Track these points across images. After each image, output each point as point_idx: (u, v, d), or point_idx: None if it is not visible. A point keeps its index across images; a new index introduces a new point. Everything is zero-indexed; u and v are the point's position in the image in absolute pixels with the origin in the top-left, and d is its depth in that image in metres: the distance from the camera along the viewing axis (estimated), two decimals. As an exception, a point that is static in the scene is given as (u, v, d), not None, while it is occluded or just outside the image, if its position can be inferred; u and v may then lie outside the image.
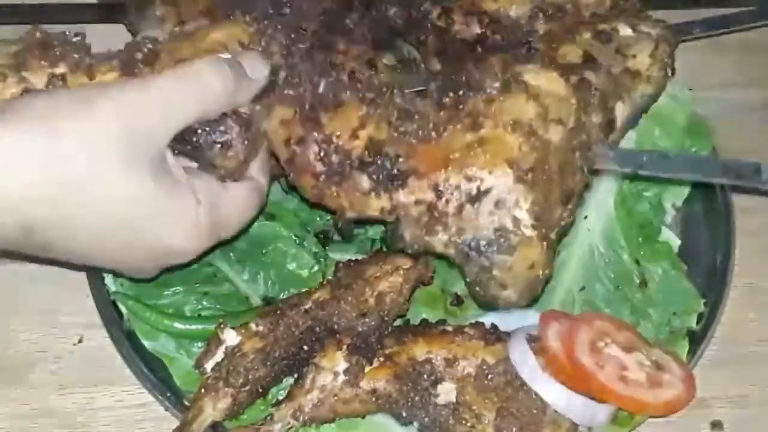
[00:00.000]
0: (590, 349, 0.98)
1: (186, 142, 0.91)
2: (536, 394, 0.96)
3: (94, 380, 1.12)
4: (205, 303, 1.09)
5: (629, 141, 1.19)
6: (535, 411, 0.96)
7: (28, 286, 1.19)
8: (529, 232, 0.92)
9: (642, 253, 1.15)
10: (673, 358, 1.02)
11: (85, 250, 0.89)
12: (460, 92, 0.96)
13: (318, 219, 1.16)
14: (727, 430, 1.04)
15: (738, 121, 1.40)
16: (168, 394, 1.03)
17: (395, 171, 0.93)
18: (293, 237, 1.12)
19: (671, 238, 1.18)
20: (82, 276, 1.13)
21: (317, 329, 0.99)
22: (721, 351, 1.17)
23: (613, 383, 0.96)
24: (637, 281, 1.13)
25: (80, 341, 1.15)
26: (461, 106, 0.95)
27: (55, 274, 1.19)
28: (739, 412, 1.13)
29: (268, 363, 0.98)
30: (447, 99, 0.96)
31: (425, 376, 0.96)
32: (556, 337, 0.99)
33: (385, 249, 1.11)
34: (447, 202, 0.93)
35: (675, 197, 1.21)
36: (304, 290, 1.06)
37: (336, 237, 1.15)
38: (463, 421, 0.96)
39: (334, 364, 0.97)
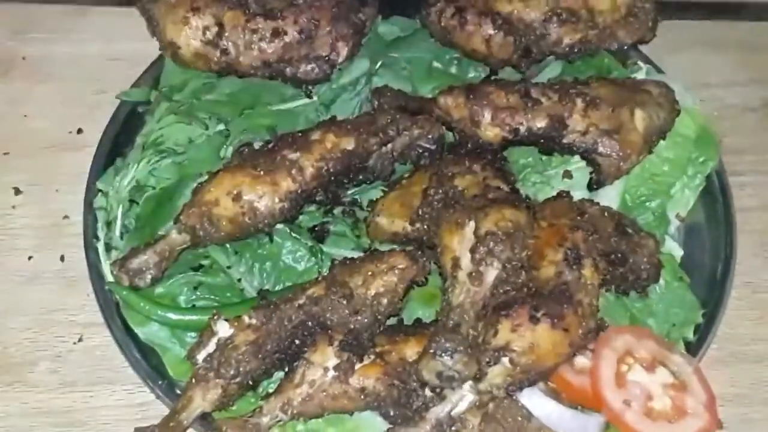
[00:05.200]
0: (616, 382, 0.98)
1: None
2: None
3: (94, 379, 1.13)
4: (199, 293, 1.10)
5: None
6: (519, 418, 0.96)
7: (28, 286, 1.20)
8: None
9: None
10: (694, 370, 1.03)
11: None
12: None
13: (315, 213, 1.16)
14: (727, 429, 1.03)
15: (738, 120, 1.40)
16: (159, 382, 1.04)
17: None
18: (288, 230, 1.12)
19: (674, 249, 1.18)
20: (82, 276, 1.15)
21: (310, 324, 0.99)
22: (720, 350, 1.17)
23: (640, 425, 0.97)
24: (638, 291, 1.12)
25: (80, 340, 1.16)
26: None
27: (55, 274, 1.22)
28: (738, 412, 1.13)
29: (260, 356, 0.98)
30: None
31: (415, 377, 0.96)
32: (578, 369, 1.00)
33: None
34: None
35: (679, 207, 1.21)
36: (299, 284, 1.07)
37: (332, 230, 1.16)
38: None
39: (325, 359, 0.97)
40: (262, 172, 1.09)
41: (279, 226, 1.12)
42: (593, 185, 1.15)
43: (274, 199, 1.08)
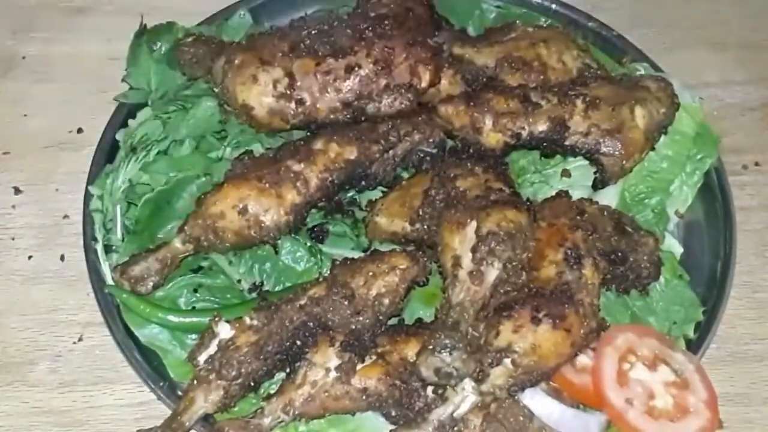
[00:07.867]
0: (618, 380, 0.98)
1: None
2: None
3: (93, 379, 1.13)
4: (199, 295, 1.10)
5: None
6: (521, 418, 0.96)
7: (28, 286, 1.20)
8: None
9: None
10: (695, 368, 1.03)
11: None
12: None
13: (314, 212, 1.16)
14: (727, 428, 1.04)
15: (737, 120, 1.40)
16: (161, 384, 1.04)
17: None
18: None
19: (674, 246, 1.18)
20: (82, 275, 1.15)
21: (311, 325, 1.00)
22: (720, 349, 1.17)
23: (642, 423, 0.97)
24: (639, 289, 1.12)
25: (80, 340, 1.16)
26: None
27: (55, 274, 1.22)
28: (738, 411, 1.13)
29: (261, 357, 0.98)
30: None
31: (416, 377, 0.96)
32: (580, 368, 1.00)
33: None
34: None
35: (678, 204, 1.21)
36: (298, 284, 1.07)
37: (332, 230, 1.16)
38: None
39: (326, 360, 0.98)
40: (267, 185, 1.09)
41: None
42: (598, 185, 1.16)
43: (280, 212, 1.09)
